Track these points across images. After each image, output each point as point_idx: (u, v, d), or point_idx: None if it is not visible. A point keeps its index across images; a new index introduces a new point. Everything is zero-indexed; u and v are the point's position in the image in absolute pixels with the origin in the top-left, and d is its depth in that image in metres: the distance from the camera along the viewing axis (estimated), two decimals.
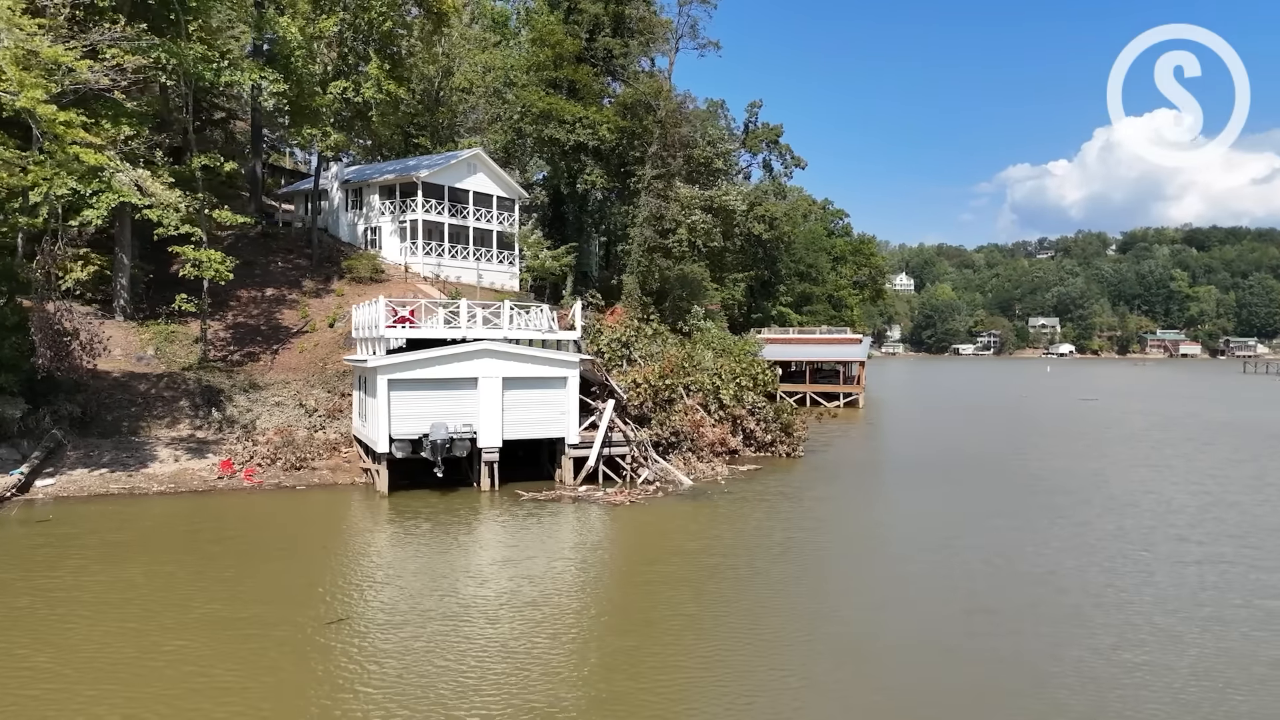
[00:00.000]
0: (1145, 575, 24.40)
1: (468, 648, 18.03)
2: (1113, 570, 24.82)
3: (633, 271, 67.66)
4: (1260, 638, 19.37)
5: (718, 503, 32.87)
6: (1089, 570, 24.87)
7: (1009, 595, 22.49)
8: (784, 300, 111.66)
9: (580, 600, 21.45)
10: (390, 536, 27.86)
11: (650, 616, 20.48)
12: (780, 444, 44.04)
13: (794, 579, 23.66)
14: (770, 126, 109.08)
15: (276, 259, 60.26)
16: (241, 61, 48.21)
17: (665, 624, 19.91)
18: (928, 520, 31.42)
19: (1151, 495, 36.60)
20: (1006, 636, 19.33)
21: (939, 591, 22.70)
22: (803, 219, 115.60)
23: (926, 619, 20.39)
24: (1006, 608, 21.37)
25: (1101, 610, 21.15)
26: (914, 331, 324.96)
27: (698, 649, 18.29)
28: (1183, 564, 25.68)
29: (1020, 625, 20.08)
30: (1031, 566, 25.23)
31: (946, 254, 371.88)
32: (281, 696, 15.85)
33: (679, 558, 25.93)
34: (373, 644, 18.16)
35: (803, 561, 25.56)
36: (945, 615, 20.65)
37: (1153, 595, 22.48)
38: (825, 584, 23.45)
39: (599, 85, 66.87)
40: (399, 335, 33.71)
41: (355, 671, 16.78)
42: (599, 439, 34.39)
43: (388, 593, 21.71)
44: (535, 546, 26.76)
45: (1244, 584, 23.56)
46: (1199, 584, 23.55)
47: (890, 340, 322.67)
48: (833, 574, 24.55)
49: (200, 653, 17.63)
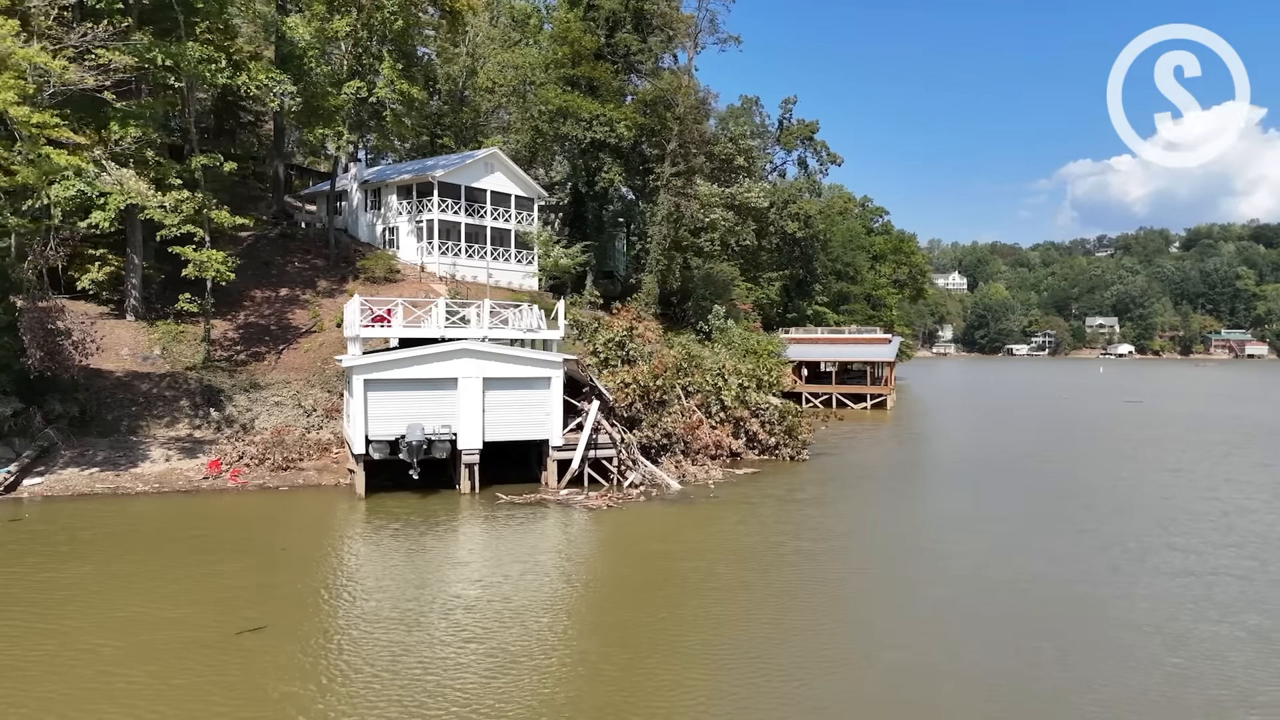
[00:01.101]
0: (1126, 585, 22.82)
1: (397, 657, 17.39)
2: (1090, 580, 23.28)
3: (651, 270, 66.71)
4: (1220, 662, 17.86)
5: (700, 507, 31.89)
6: (1069, 578, 23.40)
7: (974, 603, 21.21)
8: (820, 300, 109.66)
9: (527, 605, 20.65)
10: (355, 540, 27.43)
11: (602, 621, 19.81)
12: (784, 447, 42.79)
13: (749, 586, 22.61)
14: (805, 123, 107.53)
15: (293, 259, 60.59)
16: (249, 63, 48.43)
17: (614, 630, 19.15)
18: (915, 524, 30.16)
19: (1163, 501, 34.67)
20: (951, 648, 18.10)
21: (909, 601, 21.48)
22: (839, 216, 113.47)
23: (889, 633, 19.24)
24: (962, 614, 20.07)
25: (1061, 619, 19.79)
26: (966, 331, 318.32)
27: (638, 655, 17.45)
28: (1170, 575, 24.02)
29: (974, 633, 18.81)
30: (1005, 573, 23.88)
31: (1000, 252, 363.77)
32: (181, 702, 15.40)
33: (642, 562, 25.10)
34: (291, 654, 17.59)
35: (762, 568, 24.51)
36: (914, 627, 19.46)
37: (1121, 610, 20.96)
38: (775, 591, 22.29)
39: (618, 82, 66.09)
40: (374, 334, 33.28)
41: (263, 682, 16.23)
42: (582, 441, 33.59)
43: (330, 599, 21.20)
44: (499, 551, 26.11)
45: (1230, 598, 21.91)
46: (1175, 597, 21.94)
47: (941, 340, 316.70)
48: (787, 581, 23.32)
49: (110, 654, 17.32)
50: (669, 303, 74.33)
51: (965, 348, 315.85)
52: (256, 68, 48.42)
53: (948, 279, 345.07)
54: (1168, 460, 47.72)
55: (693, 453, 37.86)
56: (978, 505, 34.14)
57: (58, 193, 40.87)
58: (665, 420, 36.86)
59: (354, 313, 32.94)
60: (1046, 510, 33.09)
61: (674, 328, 70.78)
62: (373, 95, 57.63)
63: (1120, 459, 48.12)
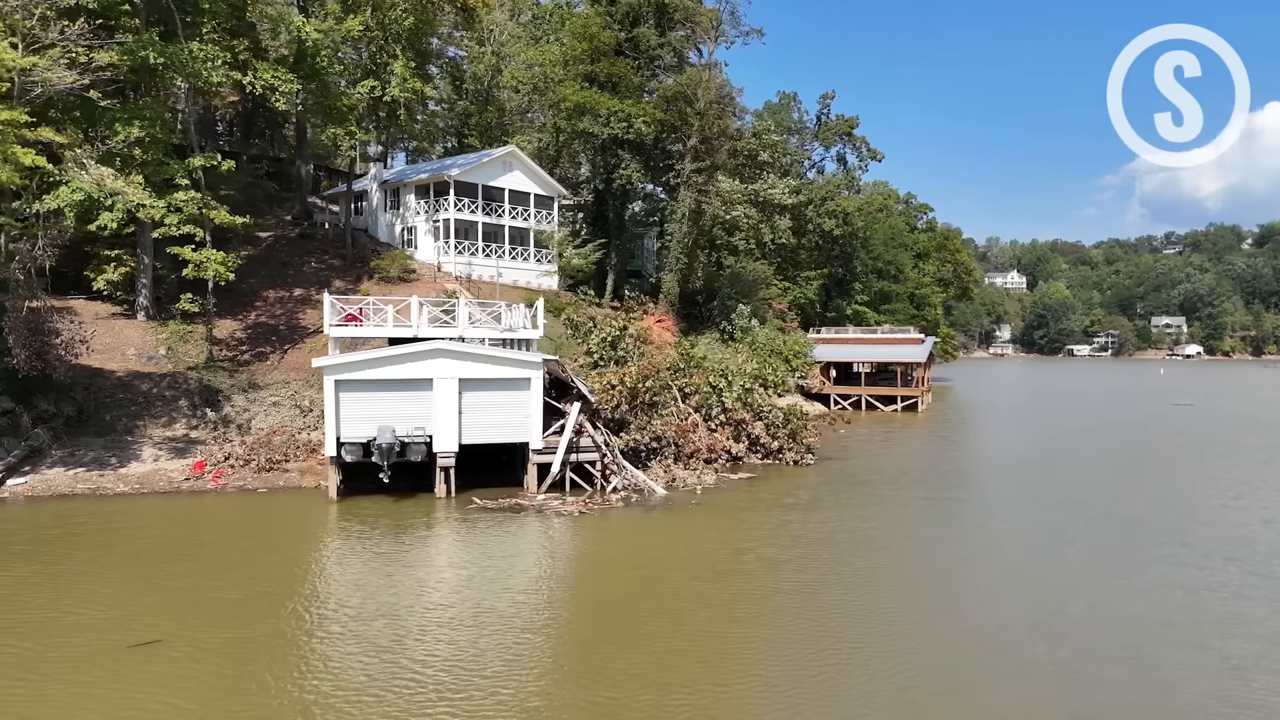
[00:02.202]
0: (1094, 598, 20.97)
1: (308, 671, 16.55)
2: (1060, 594, 21.48)
3: (672, 269, 65.46)
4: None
5: (678, 514, 30.64)
6: (1036, 602, 21.65)
7: (928, 622, 19.61)
8: (860, 299, 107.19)
9: (459, 616, 19.65)
10: (313, 544, 26.74)
11: (544, 633, 18.89)
12: (787, 451, 41.25)
13: (708, 596, 21.30)
14: (844, 118, 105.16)
15: (310, 260, 60.71)
16: (257, 63, 48.42)
17: (555, 639, 18.20)
18: (893, 534, 28.42)
19: (1170, 510, 32.38)
20: (911, 670, 16.62)
21: (845, 612, 19.96)
22: (879, 213, 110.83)
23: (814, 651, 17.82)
24: (903, 646, 18.51)
25: (1005, 644, 18.14)
26: (1025, 331, 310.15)
27: (570, 664, 16.37)
28: (1166, 587, 22.06)
29: (917, 660, 17.28)
30: (956, 590, 22.20)
31: (1062, 250, 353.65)
32: (59, 712, 14.77)
33: (594, 571, 24.01)
34: (185, 667, 16.84)
35: (713, 576, 23.22)
36: (866, 644, 18.01)
37: (1083, 631, 19.15)
38: (718, 602, 20.88)
39: (639, 78, 64.98)
40: (345, 333, 32.65)
41: (139, 695, 15.49)
42: (562, 444, 32.55)
43: (263, 606, 20.41)
44: (456, 558, 25.24)
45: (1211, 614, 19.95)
46: (1147, 610, 20.05)
47: (999, 341, 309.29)
48: (733, 593, 21.86)
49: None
50: (694, 302, 73.02)
51: (1024, 348, 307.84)
52: (263, 67, 48.44)
53: (1006, 278, 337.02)
54: (1192, 465, 45.25)
55: (685, 457, 36.56)
56: (969, 516, 32.27)
57: (65, 195, 41.34)
58: (655, 423, 35.62)
59: (326, 312, 32.35)
60: (1038, 520, 31.17)
61: (698, 328, 69.52)
62: (386, 94, 57.40)
63: (1140, 463, 45.83)
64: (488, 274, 61.32)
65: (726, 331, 67.76)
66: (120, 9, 42.03)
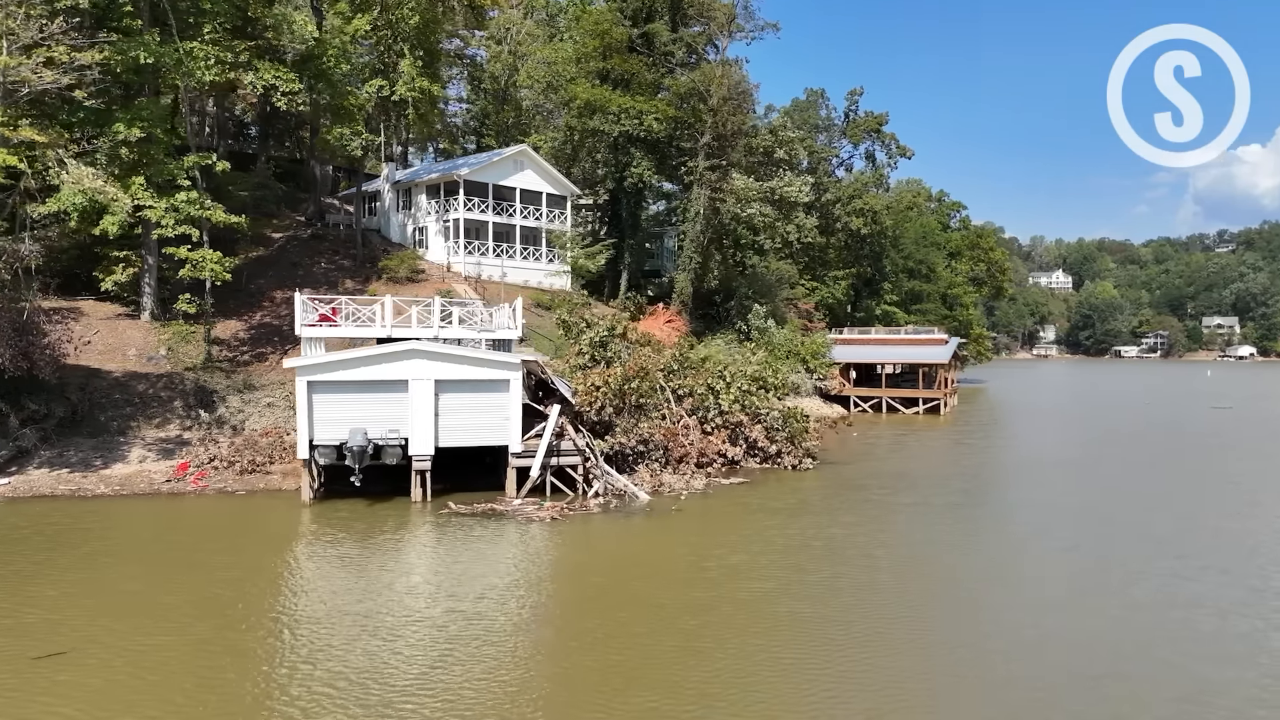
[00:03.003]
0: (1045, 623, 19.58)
1: (219, 685, 15.87)
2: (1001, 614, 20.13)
3: (685, 269, 64.36)
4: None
5: (657, 520, 29.67)
6: (1004, 606, 20.32)
7: (876, 638, 18.39)
8: (890, 299, 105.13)
9: (397, 623, 18.88)
10: (271, 549, 26.08)
11: (476, 637, 18.11)
12: (786, 454, 40.03)
13: (658, 605, 20.30)
14: (873, 115, 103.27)
15: (320, 260, 60.70)
16: (259, 62, 48.27)
17: (481, 651, 17.37)
18: (865, 542, 27.06)
19: (1170, 519, 30.62)
20: (850, 687, 15.50)
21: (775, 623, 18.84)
22: (908, 211, 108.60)
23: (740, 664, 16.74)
24: (845, 662, 17.32)
25: (952, 663, 16.90)
26: (1070, 332, 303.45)
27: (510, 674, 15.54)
28: (1147, 608, 20.60)
29: (858, 677, 16.11)
30: (915, 603, 20.89)
31: (1109, 249, 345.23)
32: None
33: (558, 578, 23.12)
34: (89, 675, 16.27)
35: (672, 584, 22.25)
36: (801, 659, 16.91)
37: (1047, 650, 17.80)
38: (664, 612, 19.85)
39: (653, 74, 64.02)
40: (317, 334, 32.13)
41: (27, 710, 14.92)
42: (541, 448, 31.72)
43: (189, 613, 19.84)
44: (412, 565, 24.49)
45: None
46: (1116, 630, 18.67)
47: (1043, 341, 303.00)
48: (683, 602, 20.75)
49: None
50: (712, 302, 71.88)
51: (1069, 349, 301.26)
52: (265, 67, 48.30)
53: (1051, 277, 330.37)
54: (1209, 470, 43.24)
55: (674, 461, 35.52)
56: (958, 522, 30.76)
57: (67, 198, 41.51)
58: (642, 426, 34.63)
59: (298, 311, 31.88)
60: (1032, 526, 29.68)
61: (715, 328, 68.39)
62: (394, 94, 57.14)
63: (1155, 467, 43.85)
64: (497, 274, 60.84)
65: (742, 332, 66.54)
66: (123, 9, 42.24)
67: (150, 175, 41.86)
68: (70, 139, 36.75)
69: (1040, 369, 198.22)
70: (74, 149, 36.56)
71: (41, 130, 33.28)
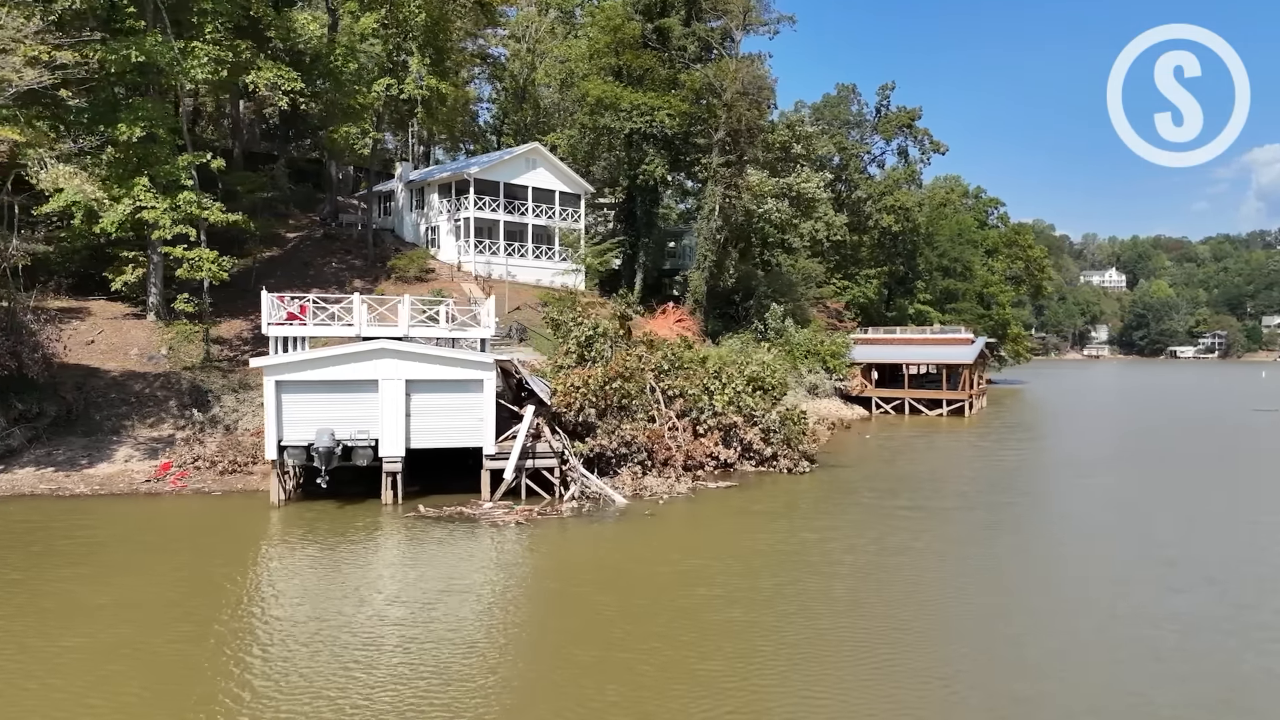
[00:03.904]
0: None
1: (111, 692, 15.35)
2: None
3: (700, 267, 63.18)
4: None
5: (627, 524, 28.69)
6: (962, 619, 18.97)
7: (812, 647, 17.22)
8: (923, 297, 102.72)
9: (319, 631, 18.21)
10: (223, 551, 25.52)
11: (401, 645, 17.45)
12: (782, 457, 38.77)
13: (601, 613, 19.35)
14: (905, 110, 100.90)
15: (332, 260, 60.76)
16: (260, 61, 48.21)
17: (401, 661, 16.60)
18: (836, 551, 25.76)
19: (1170, 521, 28.81)
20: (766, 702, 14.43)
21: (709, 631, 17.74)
22: (942, 208, 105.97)
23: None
24: (774, 672, 16.17)
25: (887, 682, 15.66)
26: (1124, 332, 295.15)
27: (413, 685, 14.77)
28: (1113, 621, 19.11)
29: (782, 692, 14.99)
30: (865, 615, 19.58)
31: (1164, 246, 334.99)
32: None
33: (507, 584, 22.27)
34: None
35: (616, 590, 21.18)
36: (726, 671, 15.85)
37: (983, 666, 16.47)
38: (599, 619, 18.87)
39: (667, 70, 62.97)
40: (284, 333, 31.66)
41: None
42: (515, 450, 30.92)
43: (109, 616, 19.38)
44: (359, 570, 23.77)
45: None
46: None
47: (1095, 341, 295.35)
48: (623, 609, 19.73)
49: None
50: (731, 301, 70.56)
51: (1123, 349, 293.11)
52: (267, 65, 48.25)
53: (1103, 276, 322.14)
54: (1227, 476, 41.18)
55: (659, 463, 34.48)
56: (943, 527, 29.29)
57: (68, 197, 41.77)
58: (625, 428, 33.64)
59: (264, 309, 31.47)
60: (1020, 533, 28.12)
61: (733, 328, 67.14)
62: (403, 92, 56.86)
63: (1172, 475, 41.92)
64: (508, 273, 60.31)
65: (759, 331, 65.20)
66: (126, 10, 42.44)
67: (154, 175, 42.01)
68: (57, 139, 36.81)
69: (1089, 370, 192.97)
70: (60, 149, 36.58)
71: (21, 130, 33.29)
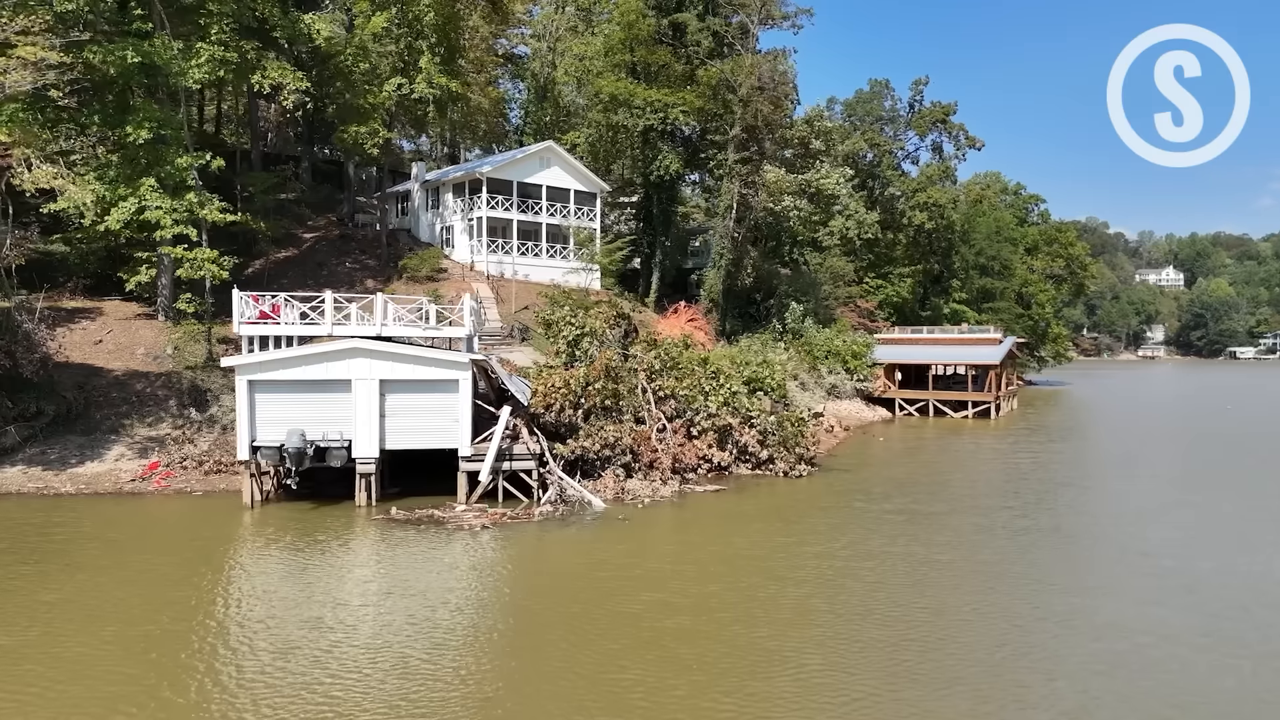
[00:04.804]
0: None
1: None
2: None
3: (716, 265, 62.08)
4: None
5: (598, 529, 27.85)
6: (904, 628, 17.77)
7: (740, 659, 16.20)
8: (958, 297, 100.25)
9: (249, 636, 17.72)
10: (178, 554, 25.16)
11: (323, 651, 16.73)
12: (778, 460, 37.63)
13: (535, 621, 18.56)
14: (940, 105, 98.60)
15: (346, 260, 60.90)
16: (266, 61, 48.35)
17: (307, 671, 16.03)
18: (802, 556, 24.57)
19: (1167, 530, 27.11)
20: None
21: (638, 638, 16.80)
22: (977, 204, 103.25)
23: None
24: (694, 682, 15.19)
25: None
26: (1181, 332, 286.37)
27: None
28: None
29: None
30: (808, 625, 18.46)
31: (1225, 243, 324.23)
32: None
33: (450, 591, 21.60)
34: None
35: (571, 602, 20.27)
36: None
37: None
38: (530, 627, 18.04)
39: (683, 66, 62.02)
40: (255, 331, 31.34)
41: None
42: (490, 452, 30.26)
43: (47, 614, 19.10)
44: (302, 573, 23.24)
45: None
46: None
47: (1150, 342, 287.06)
48: (560, 614, 18.90)
49: None
50: (752, 300, 69.30)
51: (1179, 350, 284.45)
52: (272, 65, 48.39)
53: (1160, 274, 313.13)
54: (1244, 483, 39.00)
55: (644, 466, 33.58)
56: (926, 534, 27.90)
57: (76, 196, 42.20)
58: (608, 429, 32.79)
59: (235, 308, 31.23)
60: (1006, 539, 26.62)
61: (753, 327, 65.95)
62: (414, 92, 56.72)
63: (1195, 481, 39.75)
64: (521, 273, 59.87)
65: (777, 331, 63.90)
66: (134, 13, 42.79)
67: (160, 176, 42.28)
68: (51, 139, 37.14)
69: (1142, 371, 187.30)
70: (50, 149, 36.88)
71: (9, 130, 33.56)
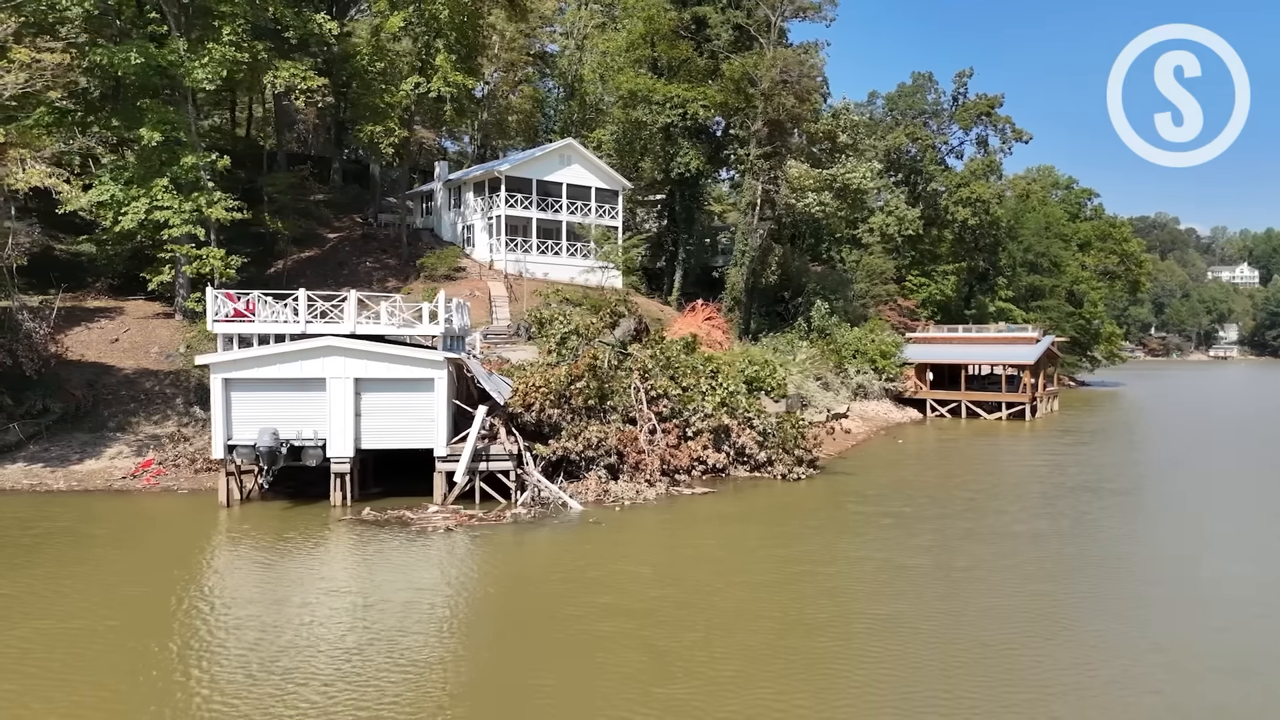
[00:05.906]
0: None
1: None
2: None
3: (738, 264, 60.88)
4: None
5: (568, 533, 27.15)
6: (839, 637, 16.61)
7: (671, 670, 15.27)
8: (1004, 295, 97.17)
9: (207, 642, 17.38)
10: (139, 551, 25.13)
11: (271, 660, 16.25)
12: (776, 462, 36.44)
13: (479, 626, 17.88)
14: (985, 97, 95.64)
15: (367, 259, 61.22)
16: (278, 61, 48.59)
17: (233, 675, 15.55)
18: (764, 560, 23.38)
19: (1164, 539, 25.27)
20: None
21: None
22: (1024, 199, 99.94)
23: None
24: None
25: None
26: (1256, 331, 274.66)
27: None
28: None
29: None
30: (764, 631, 17.38)
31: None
32: None
33: (399, 594, 21.03)
34: None
35: (508, 603, 19.65)
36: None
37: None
38: (475, 632, 17.32)
39: (705, 61, 60.97)
40: (230, 329, 31.21)
41: None
42: (466, 452, 29.68)
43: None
44: (261, 579, 22.94)
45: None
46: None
47: (1222, 341, 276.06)
48: (506, 619, 18.15)
49: None
50: (779, 299, 67.91)
51: (1254, 350, 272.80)
52: (284, 66, 48.64)
53: (1234, 271, 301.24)
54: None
55: (630, 468, 32.72)
56: (911, 540, 26.47)
57: (94, 196, 42.99)
58: (591, 430, 32.01)
59: (209, 306, 31.15)
60: (988, 546, 25.15)
61: (780, 326, 64.62)
62: (430, 90, 56.63)
63: (1188, 491, 37.61)
64: (540, 271, 59.44)
65: (802, 330, 62.46)
66: (149, 15, 43.45)
67: (173, 176, 42.81)
68: (49, 140, 37.70)
69: (1210, 371, 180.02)
70: (47, 150, 37.44)
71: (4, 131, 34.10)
